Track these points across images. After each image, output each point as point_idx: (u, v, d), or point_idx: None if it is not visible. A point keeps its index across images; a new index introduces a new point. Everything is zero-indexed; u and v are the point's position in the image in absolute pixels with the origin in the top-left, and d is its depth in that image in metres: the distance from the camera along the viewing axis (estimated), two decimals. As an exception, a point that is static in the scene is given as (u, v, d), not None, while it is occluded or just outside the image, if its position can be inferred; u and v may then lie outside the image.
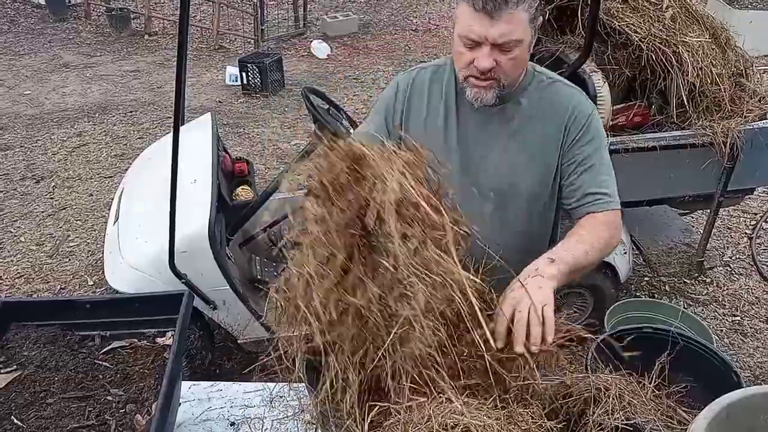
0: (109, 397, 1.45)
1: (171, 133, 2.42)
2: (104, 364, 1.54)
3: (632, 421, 1.41)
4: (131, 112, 6.50)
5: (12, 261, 4.27)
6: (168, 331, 1.62)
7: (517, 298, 1.39)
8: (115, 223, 3.15)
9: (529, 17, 1.51)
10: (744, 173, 3.09)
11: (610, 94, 2.96)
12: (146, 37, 8.70)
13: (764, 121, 3.03)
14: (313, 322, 1.26)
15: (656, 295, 3.88)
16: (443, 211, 1.24)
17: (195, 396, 1.81)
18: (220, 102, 6.74)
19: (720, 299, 3.89)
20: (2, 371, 1.49)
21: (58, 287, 4.03)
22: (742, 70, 3.16)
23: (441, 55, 7.87)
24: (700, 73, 2.93)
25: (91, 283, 4.06)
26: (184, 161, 2.50)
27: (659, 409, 1.55)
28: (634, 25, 2.98)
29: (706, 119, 2.97)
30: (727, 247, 4.35)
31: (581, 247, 1.58)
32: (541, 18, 1.58)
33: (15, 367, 1.51)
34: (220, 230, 2.96)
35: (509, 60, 1.55)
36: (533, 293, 1.39)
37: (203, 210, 2.82)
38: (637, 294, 3.91)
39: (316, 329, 1.26)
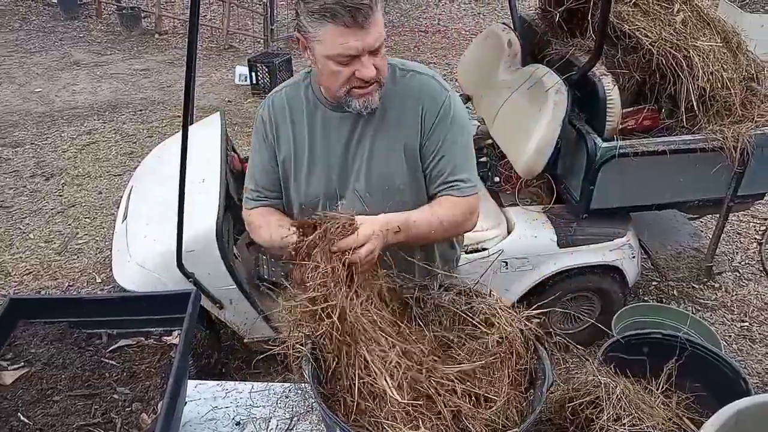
0: (116, 396, 1.45)
1: (180, 132, 2.42)
2: (111, 362, 1.55)
3: (639, 428, 1.40)
4: (141, 110, 6.52)
5: (21, 257, 4.29)
6: (175, 329, 1.63)
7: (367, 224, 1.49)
8: (123, 221, 3.16)
9: (382, 12, 1.55)
10: (754, 178, 3.06)
11: (620, 98, 2.95)
12: (156, 36, 8.73)
13: (775, 126, 3.00)
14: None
15: (664, 300, 3.86)
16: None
17: (201, 395, 1.81)
18: (229, 101, 6.76)
19: (728, 305, 3.87)
20: (10, 368, 1.50)
21: (66, 284, 4.05)
22: (753, 75, 3.14)
23: (450, 56, 7.87)
24: (710, 77, 2.90)
25: (99, 280, 4.08)
26: (192, 160, 2.51)
27: (667, 416, 1.55)
28: (644, 29, 2.96)
29: (716, 124, 2.95)
30: (737, 253, 4.32)
31: (431, 221, 1.68)
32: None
33: (22, 364, 1.51)
34: (227, 230, 2.96)
35: (381, 59, 1.59)
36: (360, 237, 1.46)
37: (211, 209, 2.82)
38: (645, 298, 3.89)
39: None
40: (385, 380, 1.34)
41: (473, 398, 1.40)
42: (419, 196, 1.81)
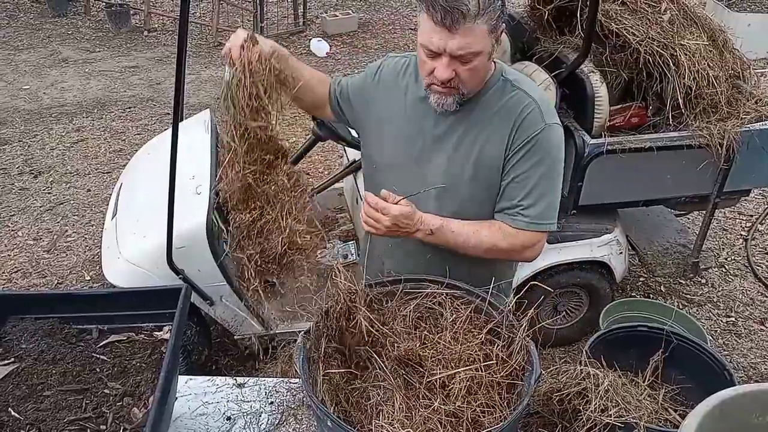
0: (106, 390, 1.46)
1: (170, 129, 2.42)
2: (102, 357, 1.55)
3: (624, 419, 1.42)
4: (130, 108, 6.49)
5: (9, 256, 4.27)
6: (165, 325, 1.63)
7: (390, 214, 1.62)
8: (113, 218, 3.16)
9: (488, 29, 1.54)
10: (740, 175, 3.10)
11: (608, 95, 2.97)
12: (146, 33, 8.68)
13: (760, 123, 3.04)
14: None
15: (651, 296, 3.90)
16: None
17: (191, 390, 1.82)
18: (218, 99, 6.73)
19: (715, 300, 3.91)
20: (0, 364, 1.50)
21: (55, 282, 4.04)
22: (739, 73, 3.17)
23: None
24: (696, 75, 2.93)
25: (88, 278, 4.06)
26: (182, 157, 2.50)
27: (652, 407, 1.57)
28: (632, 28, 2.99)
29: (702, 121, 2.98)
30: (723, 249, 4.37)
31: (470, 238, 1.71)
32: (503, 25, 1.61)
33: (12, 359, 1.51)
34: (218, 226, 2.96)
35: (468, 70, 1.58)
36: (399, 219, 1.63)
37: (201, 206, 2.82)
38: (633, 294, 3.92)
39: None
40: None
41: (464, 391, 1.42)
42: (486, 209, 1.78)
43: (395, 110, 1.80)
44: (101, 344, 1.59)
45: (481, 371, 1.41)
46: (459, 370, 1.42)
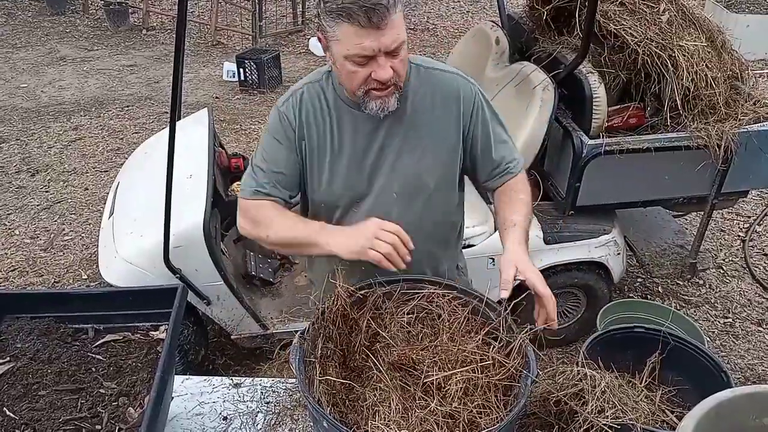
0: (102, 390, 1.45)
1: (167, 128, 2.42)
2: (97, 356, 1.54)
3: (621, 420, 1.42)
4: (128, 106, 6.49)
5: (6, 254, 4.26)
6: (162, 325, 1.63)
7: (538, 275, 1.59)
8: (110, 217, 3.15)
9: (402, 15, 1.55)
10: (738, 176, 3.10)
11: (606, 96, 2.97)
12: (144, 31, 8.68)
13: (759, 124, 3.03)
14: None
15: (649, 297, 3.90)
16: None
17: (188, 390, 1.81)
18: (217, 98, 6.73)
19: (712, 301, 3.91)
20: (-5, 363, 1.50)
21: (52, 281, 4.03)
22: (737, 74, 3.17)
23: (438, 54, 7.88)
24: (695, 76, 2.93)
25: (85, 276, 4.06)
26: (180, 156, 2.50)
27: (649, 409, 1.56)
28: (630, 29, 2.99)
29: (701, 122, 2.98)
30: (720, 250, 4.37)
31: (528, 209, 1.78)
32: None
33: (8, 359, 1.51)
34: (215, 226, 2.96)
35: (400, 62, 1.58)
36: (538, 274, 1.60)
37: (198, 205, 2.82)
38: (630, 295, 3.92)
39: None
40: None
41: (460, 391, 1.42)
42: (449, 195, 1.84)
43: (328, 138, 1.74)
44: (97, 344, 1.58)
45: (478, 373, 1.41)
46: (455, 371, 1.42)
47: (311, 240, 1.65)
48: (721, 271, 4.16)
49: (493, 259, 3.07)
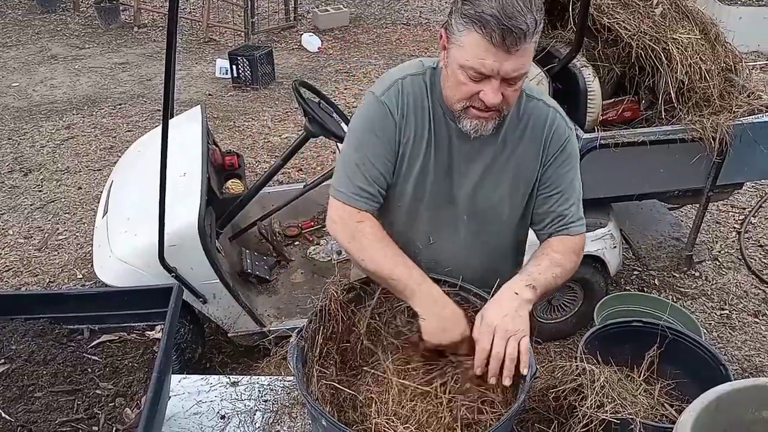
0: (98, 391, 1.44)
1: (160, 126, 2.40)
2: (93, 357, 1.53)
3: (620, 414, 1.42)
4: (120, 104, 6.45)
5: (0, 254, 4.24)
6: (157, 324, 1.62)
7: (497, 327, 1.41)
8: (104, 216, 3.13)
9: (534, 47, 1.44)
10: (733, 168, 3.10)
11: (601, 89, 2.97)
12: (135, 29, 8.62)
13: (753, 116, 3.04)
14: None
15: (646, 289, 3.91)
16: None
17: (185, 389, 1.80)
18: (210, 95, 6.70)
19: (708, 293, 3.92)
20: (-10, 365, 1.48)
21: (47, 280, 4.01)
22: (731, 66, 3.17)
23: (431, 49, 7.87)
24: (689, 69, 2.93)
25: (80, 276, 4.04)
26: (173, 154, 2.49)
27: (648, 403, 1.57)
28: (624, 22, 2.99)
29: (695, 114, 2.98)
30: (716, 242, 4.38)
31: (555, 271, 1.58)
32: None
33: (3, 360, 1.50)
34: (209, 224, 2.95)
35: (514, 92, 1.48)
36: (513, 323, 1.41)
37: (193, 203, 2.80)
38: (627, 288, 3.93)
39: None
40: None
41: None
42: (520, 228, 1.76)
43: (425, 142, 1.64)
44: (92, 344, 1.57)
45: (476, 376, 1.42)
46: (454, 372, 1.42)
47: (405, 289, 1.52)
48: (717, 263, 4.17)
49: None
